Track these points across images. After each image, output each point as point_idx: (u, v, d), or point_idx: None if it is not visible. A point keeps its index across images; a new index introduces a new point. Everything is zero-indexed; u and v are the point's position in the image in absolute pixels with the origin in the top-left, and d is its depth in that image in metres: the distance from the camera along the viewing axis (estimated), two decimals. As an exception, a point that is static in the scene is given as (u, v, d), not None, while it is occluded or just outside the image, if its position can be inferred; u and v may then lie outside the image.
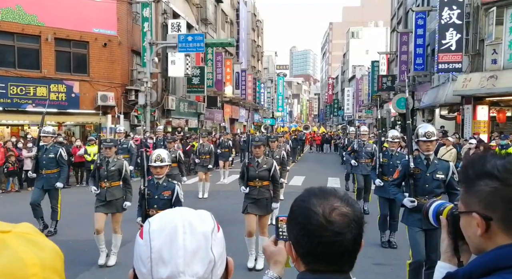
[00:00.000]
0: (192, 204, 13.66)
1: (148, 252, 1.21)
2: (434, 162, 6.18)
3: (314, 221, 1.45)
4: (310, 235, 1.45)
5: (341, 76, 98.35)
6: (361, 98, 63.00)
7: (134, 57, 26.13)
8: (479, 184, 1.41)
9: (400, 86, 35.40)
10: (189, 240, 1.21)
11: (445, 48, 22.40)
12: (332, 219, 1.44)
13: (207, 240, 1.23)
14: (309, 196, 1.53)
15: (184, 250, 1.19)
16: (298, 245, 1.50)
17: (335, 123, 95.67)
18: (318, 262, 1.47)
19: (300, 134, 39.36)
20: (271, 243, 1.80)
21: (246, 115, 54.62)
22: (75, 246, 9.10)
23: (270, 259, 1.79)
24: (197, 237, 1.22)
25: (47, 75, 21.45)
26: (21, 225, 1.11)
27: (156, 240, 1.21)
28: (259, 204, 7.71)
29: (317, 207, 1.46)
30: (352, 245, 1.47)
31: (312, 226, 1.45)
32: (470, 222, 1.44)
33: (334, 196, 1.51)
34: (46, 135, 10.09)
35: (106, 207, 7.72)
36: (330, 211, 1.45)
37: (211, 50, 36.77)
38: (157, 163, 6.41)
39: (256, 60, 65.78)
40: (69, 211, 11.29)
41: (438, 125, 25.59)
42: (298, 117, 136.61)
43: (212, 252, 1.23)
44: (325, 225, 1.43)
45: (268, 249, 1.79)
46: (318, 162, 31.19)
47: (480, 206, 1.40)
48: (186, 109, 33.42)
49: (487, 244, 1.41)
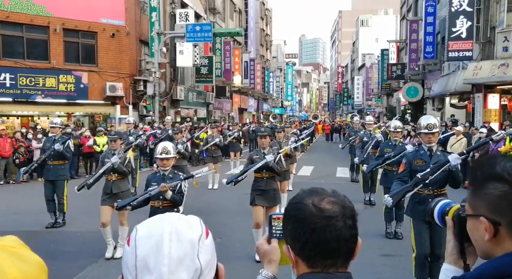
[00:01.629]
0: (201, 195, 13.71)
1: (134, 260, 1.20)
2: (437, 153, 6.12)
3: (305, 211, 1.47)
4: (303, 224, 1.45)
5: (351, 64, 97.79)
6: (371, 86, 62.64)
7: (142, 47, 26.11)
8: (488, 187, 1.36)
9: (410, 75, 35.17)
10: (174, 247, 1.19)
11: (455, 36, 22.18)
12: (322, 206, 1.46)
13: (193, 247, 1.22)
14: (299, 194, 1.56)
15: (169, 258, 1.18)
16: (294, 239, 1.49)
17: (344, 112, 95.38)
18: (316, 254, 1.45)
19: (310, 123, 39.27)
20: (264, 241, 1.78)
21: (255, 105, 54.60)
22: (83, 237, 9.18)
23: (264, 258, 1.77)
24: (183, 244, 1.21)
25: (56, 65, 21.50)
26: (6, 238, 1.12)
27: (142, 248, 1.20)
28: (266, 195, 7.69)
29: (307, 200, 1.49)
30: (347, 230, 1.45)
31: (303, 215, 1.47)
32: (478, 226, 1.39)
33: (322, 191, 1.54)
34: (54, 126, 10.13)
35: (112, 199, 7.73)
36: (320, 200, 1.48)
37: (219, 40, 36.68)
38: (163, 155, 6.45)
39: (265, 49, 65.56)
40: (77, 202, 11.32)
41: (449, 114, 25.44)
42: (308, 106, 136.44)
43: (199, 259, 1.21)
44: (316, 212, 1.45)
45: (261, 247, 1.77)
46: (327, 152, 31.13)
47: (488, 210, 1.35)
48: (194, 99, 33.43)
49: (495, 249, 1.36)
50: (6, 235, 1.15)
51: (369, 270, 7.03)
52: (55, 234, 9.48)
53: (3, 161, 16.63)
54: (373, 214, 10.55)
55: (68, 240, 9.00)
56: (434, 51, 28.28)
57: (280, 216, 1.70)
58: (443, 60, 26.58)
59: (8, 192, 15.07)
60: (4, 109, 20.64)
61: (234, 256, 7.65)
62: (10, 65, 20.31)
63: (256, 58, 52.40)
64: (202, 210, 11.54)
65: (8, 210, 11.58)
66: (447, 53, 22.73)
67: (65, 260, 7.64)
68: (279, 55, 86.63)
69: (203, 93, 35.41)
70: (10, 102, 20.37)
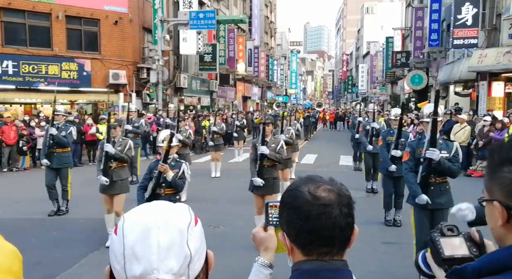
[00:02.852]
0: (204, 183, 13.76)
1: (122, 249, 1.19)
2: (439, 141, 6.08)
3: (300, 199, 1.46)
4: (299, 212, 1.45)
5: (356, 52, 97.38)
6: (375, 74, 62.44)
7: (146, 35, 26.03)
8: (503, 170, 1.32)
9: (414, 63, 35.02)
10: (163, 235, 1.18)
11: (460, 23, 22.03)
12: (317, 194, 1.45)
13: (182, 235, 1.20)
14: (296, 182, 1.55)
15: (158, 246, 1.17)
16: (289, 227, 1.49)
17: (349, 100, 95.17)
18: (311, 241, 1.45)
19: (313, 111, 39.21)
20: (260, 229, 1.79)
21: (259, 93, 54.50)
22: (86, 224, 9.22)
23: (261, 246, 1.77)
24: (172, 232, 1.19)
25: (59, 53, 21.45)
26: None
27: (129, 236, 1.19)
28: (266, 183, 7.66)
29: (303, 187, 1.48)
30: (342, 218, 1.45)
31: (299, 202, 1.46)
32: (493, 211, 1.35)
33: (319, 179, 1.53)
34: (58, 113, 10.18)
35: (112, 187, 7.74)
36: (315, 188, 1.47)
37: (223, 27, 36.52)
38: (164, 143, 6.44)
39: (269, 36, 65.30)
40: (80, 189, 11.40)
41: (453, 102, 25.31)
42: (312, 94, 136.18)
43: (188, 247, 1.20)
44: (311, 200, 1.45)
45: (258, 235, 1.78)
46: (330, 140, 31.12)
47: (503, 194, 1.32)
48: (198, 87, 33.39)
49: (507, 236, 1.33)
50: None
51: (371, 258, 7.05)
52: (57, 221, 9.52)
53: (7, 148, 16.68)
54: (375, 202, 10.58)
55: (70, 228, 9.04)
56: (439, 38, 28.10)
57: (277, 204, 1.70)
58: (448, 47, 26.41)
59: (12, 179, 15.14)
60: (7, 96, 20.66)
61: (236, 245, 7.67)
62: (13, 52, 20.28)
63: (260, 45, 52.19)
64: (205, 198, 11.57)
65: (11, 198, 11.63)
66: (452, 40, 22.59)
67: (68, 248, 7.69)
68: (284, 42, 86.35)
69: (207, 81, 35.36)
70: (13, 89, 20.37)
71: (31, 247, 7.52)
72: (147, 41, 26.06)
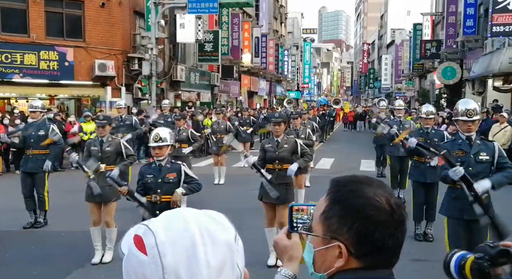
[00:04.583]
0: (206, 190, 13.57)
1: (160, 273, 1.10)
2: (477, 142, 6.06)
3: (380, 210, 1.43)
4: (378, 228, 1.42)
5: (378, 41, 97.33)
6: (400, 67, 62.31)
7: (137, 20, 26.04)
8: None
9: (446, 53, 34.89)
10: (211, 253, 1.11)
11: (501, 8, 21.92)
12: (394, 207, 1.45)
13: (231, 251, 1.15)
14: (357, 184, 1.49)
15: (208, 267, 1.10)
16: (360, 242, 1.44)
17: (370, 96, 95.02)
18: (378, 257, 1.46)
19: (330, 109, 39.12)
20: (283, 236, 1.77)
21: (266, 88, 54.48)
22: (69, 238, 9.17)
23: (284, 255, 1.76)
24: (220, 248, 1.13)
25: (36, 40, 21.37)
26: None
27: (170, 256, 1.10)
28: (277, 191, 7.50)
29: (379, 197, 1.45)
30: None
31: (378, 217, 1.43)
32: None
33: (380, 183, 1.51)
34: (35, 110, 10.01)
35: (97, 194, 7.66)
36: (388, 199, 1.45)
37: (226, 12, 36.54)
38: (155, 143, 6.37)
39: (279, 23, 65.30)
40: (61, 198, 11.34)
41: (491, 98, 25.18)
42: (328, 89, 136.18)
43: (238, 266, 1.15)
44: (390, 213, 1.44)
45: (281, 243, 1.77)
46: (349, 142, 31.06)
47: None
48: (197, 81, 33.40)
49: None
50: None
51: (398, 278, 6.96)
52: (35, 235, 9.46)
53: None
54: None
55: (50, 242, 8.99)
56: (475, 25, 27.98)
57: (303, 207, 1.72)
58: (485, 36, 26.30)
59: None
60: (-24, 90, 20.67)
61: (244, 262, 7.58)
62: (-18, 39, 20.30)
63: (268, 33, 52.20)
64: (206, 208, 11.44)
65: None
66: (490, 27, 22.47)
67: (47, 264, 7.64)
68: (296, 30, 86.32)
69: (207, 73, 35.36)
70: (-17, 82, 20.38)
71: (5, 264, 7.48)
72: (138, 27, 26.08)
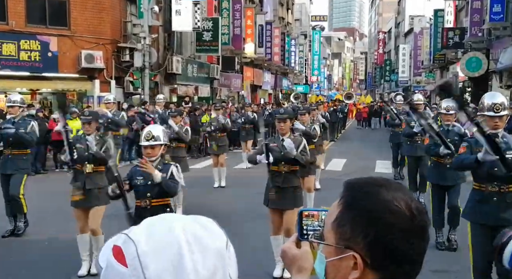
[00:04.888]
0: (205, 194, 13.67)
1: None
2: (503, 140, 5.99)
3: (402, 217, 1.42)
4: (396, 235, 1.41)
5: (395, 29, 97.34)
6: (420, 58, 62.27)
7: (128, 6, 26.03)
8: None
9: (471, 42, 34.82)
10: (200, 261, 1.09)
11: (532, -8, 21.85)
12: (415, 212, 1.44)
13: (222, 259, 1.13)
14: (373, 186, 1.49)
15: (196, 277, 1.07)
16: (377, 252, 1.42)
17: (386, 91, 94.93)
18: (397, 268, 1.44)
19: (342, 105, 39.09)
20: (292, 244, 1.76)
21: (271, 81, 54.43)
22: (52, 247, 9.14)
23: (293, 265, 1.74)
24: (210, 256, 1.11)
25: (16, 28, 21.30)
26: None
27: (153, 267, 1.07)
28: (284, 195, 7.49)
29: (399, 201, 1.44)
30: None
31: (397, 223, 1.42)
32: None
33: (399, 186, 1.51)
34: (13, 104, 9.92)
35: (85, 199, 7.59)
36: (408, 204, 1.45)
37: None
38: (146, 142, 6.38)
39: (286, 9, 65.35)
40: (44, 203, 11.35)
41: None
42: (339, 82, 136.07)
43: (230, 276, 1.14)
44: (411, 220, 1.43)
45: (289, 252, 1.75)
46: (363, 140, 31.14)
47: None
48: (195, 74, 33.45)
49: None
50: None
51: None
52: (16, 244, 9.42)
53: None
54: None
55: (32, 252, 8.95)
56: (503, 11, 27.90)
57: (314, 213, 1.72)
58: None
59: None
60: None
61: (248, 271, 7.52)
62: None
63: (274, 21, 52.24)
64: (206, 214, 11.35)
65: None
66: (520, 13, 22.43)
67: (29, 276, 7.63)
68: (304, 17, 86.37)
69: (206, 65, 35.40)
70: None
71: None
72: (130, 13, 26.07)
